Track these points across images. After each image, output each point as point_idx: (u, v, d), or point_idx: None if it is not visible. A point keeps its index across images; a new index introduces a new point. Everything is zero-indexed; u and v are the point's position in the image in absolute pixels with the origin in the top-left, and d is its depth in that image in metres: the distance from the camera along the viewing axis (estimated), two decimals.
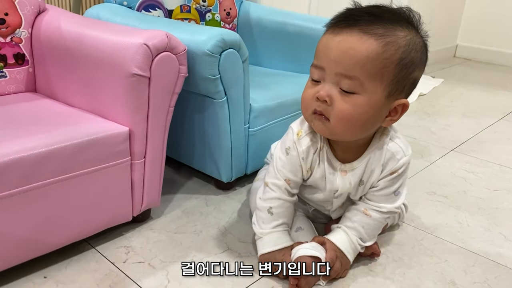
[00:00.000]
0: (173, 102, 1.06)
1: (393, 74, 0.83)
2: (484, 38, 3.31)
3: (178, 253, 1.04)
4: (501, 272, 1.03)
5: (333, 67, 0.83)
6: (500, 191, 1.40)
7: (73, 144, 0.91)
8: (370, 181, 0.97)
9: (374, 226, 1.00)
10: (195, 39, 1.09)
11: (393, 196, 0.99)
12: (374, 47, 0.81)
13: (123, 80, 0.97)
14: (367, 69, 0.81)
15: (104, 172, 0.97)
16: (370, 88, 0.83)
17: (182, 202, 1.25)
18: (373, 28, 0.82)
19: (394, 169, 0.95)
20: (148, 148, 1.05)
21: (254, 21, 1.67)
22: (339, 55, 0.82)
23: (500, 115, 2.13)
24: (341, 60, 0.82)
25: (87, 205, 0.97)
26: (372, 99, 0.84)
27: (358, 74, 0.82)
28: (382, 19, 0.83)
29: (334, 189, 0.98)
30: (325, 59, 0.85)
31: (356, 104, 0.84)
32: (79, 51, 1.07)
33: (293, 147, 0.96)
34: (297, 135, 0.97)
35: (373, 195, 0.99)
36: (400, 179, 0.97)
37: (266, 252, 0.97)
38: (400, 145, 0.96)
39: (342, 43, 0.82)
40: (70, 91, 1.13)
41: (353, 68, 0.82)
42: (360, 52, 0.81)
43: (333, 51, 0.83)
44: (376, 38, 0.81)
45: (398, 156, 0.95)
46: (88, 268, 0.98)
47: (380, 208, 0.98)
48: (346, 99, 0.84)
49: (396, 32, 0.83)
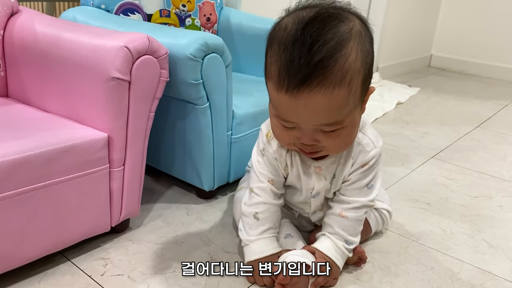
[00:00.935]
0: (153, 107, 1.03)
1: (362, 87, 0.80)
2: (457, 49, 3.39)
3: (159, 264, 0.99)
4: (486, 279, 1.02)
5: (309, 123, 0.79)
6: (480, 198, 1.41)
7: (49, 151, 0.86)
8: (342, 174, 0.95)
9: (353, 225, 0.98)
10: (177, 43, 1.06)
11: (366, 189, 0.97)
12: (341, 94, 0.76)
13: (103, 84, 0.93)
14: (344, 109, 0.78)
15: (82, 180, 0.93)
16: (351, 115, 0.81)
17: (162, 212, 1.21)
18: (328, 75, 0.73)
19: (364, 162, 0.94)
20: (128, 155, 1.00)
21: (235, 27, 1.65)
22: (311, 116, 0.78)
23: (476, 123, 2.16)
24: (315, 118, 0.78)
25: (63, 215, 0.92)
26: (354, 120, 0.83)
27: (337, 118, 0.79)
28: (328, 47, 0.73)
29: (310, 188, 0.97)
30: (294, 118, 0.79)
31: (343, 135, 0.82)
32: (55, 55, 1.02)
33: (266, 147, 0.95)
34: (266, 136, 0.95)
35: (346, 189, 0.98)
36: (372, 171, 0.96)
37: (252, 259, 0.94)
38: (369, 137, 0.94)
39: (309, 106, 0.76)
40: (45, 96, 1.08)
41: (332, 117, 0.78)
42: (332, 106, 0.76)
43: (303, 113, 0.77)
44: (339, 86, 0.75)
45: (368, 148, 0.94)
46: (63, 282, 0.92)
47: (354, 204, 0.97)
48: (332, 136, 0.81)
49: (347, 51, 0.74)
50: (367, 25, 0.81)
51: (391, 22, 2.92)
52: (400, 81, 2.93)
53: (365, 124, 0.96)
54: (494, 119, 2.26)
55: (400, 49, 3.15)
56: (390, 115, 2.24)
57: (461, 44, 3.35)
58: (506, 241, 1.17)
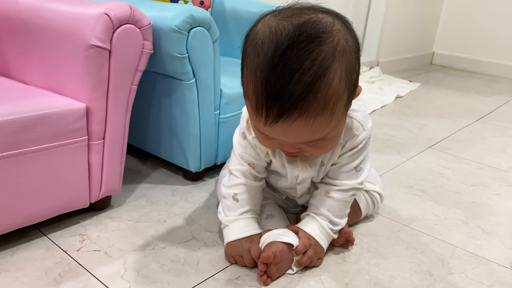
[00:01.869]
0: (136, 80, 1.00)
1: (346, 105, 0.75)
2: (459, 46, 3.35)
3: (138, 241, 0.96)
4: (479, 263, 0.98)
5: (290, 142, 0.76)
6: (477, 186, 1.36)
7: (22, 118, 0.83)
8: (331, 160, 0.92)
9: (340, 206, 0.94)
10: (162, 15, 1.03)
11: (355, 172, 0.93)
12: (323, 120, 0.71)
13: (82, 52, 0.90)
14: (326, 130, 0.74)
15: (58, 151, 0.90)
16: (334, 130, 0.77)
17: (146, 192, 1.17)
18: (310, 105, 0.68)
19: (354, 145, 0.90)
20: (108, 128, 0.97)
21: (229, 11, 1.62)
22: (292, 139, 0.75)
23: (476, 117, 2.12)
24: (297, 140, 0.75)
25: (38, 187, 0.89)
26: (339, 130, 0.80)
27: (320, 137, 0.75)
28: (310, 75, 0.67)
29: (295, 176, 0.93)
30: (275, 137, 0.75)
31: (326, 143, 0.78)
32: (36, 24, 0.99)
33: (245, 133, 0.91)
34: (247, 122, 0.91)
35: (334, 172, 0.94)
36: (361, 154, 0.92)
37: (232, 240, 0.90)
38: (358, 120, 0.90)
39: (289, 133, 0.72)
40: (26, 68, 1.05)
41: (313, 139, 0.75)
42: (313, 132, 0.72)
43: (284, 138, 0.74)
44: (318, 114, 0.69)
45: (357, 132, 0.90)
46: (37, 256, 0.89)
47: (341, 186, 0.93)
48: (316, 145, 0.78)
49: (329, 76, 0.68)
50: (349, 26, 0.73)
51: (392, 17, 2.88)
52: (401, 76, 2.89)
53: (354, 108, 0.89)
54: (494, 114, 2.21)
55: (401, 45, 3.12)
56: (389, 107, 2.20)
57: (464, 42, 3.31)
58: (502, 227, 1.13)
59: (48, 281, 0.82)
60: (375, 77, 2.70)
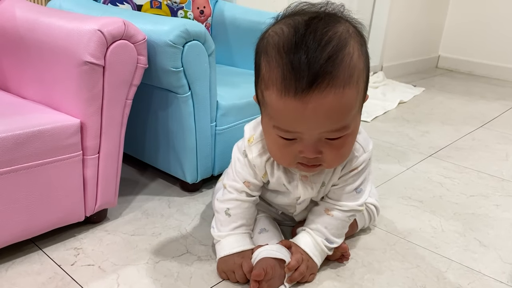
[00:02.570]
0: (130, 94, 1.00)
1: (364, 89, 0.77)
2: (465, 50, 3.32)
3: (132, 256, 0.96)
4: (475, 278, 0.97)
5: (315, 130, 0.74)
6: (476, 197, 1.35)
7: (16, 135, 0.84)
8: (331, 181, 0.91)
9: (338, 225, 0.94)
10: (157, 29, 1.04)
11: (355, 193, 0.93)
12: (351, 93, 0.72)
13: (76, 68, 0.91)
14: (352, 112, 0.74)
15: (52, 166, 0.90)
16: (355, 120, 0.77)
17: (143, 204, 1.18)
18: (338, 73, 0.70)
19: (354, 166, 0.90)
20: (103, 143, 0.98)
21: (229, 20, 1.62)
22: (321, 121, 0.72)
23: (479, 124, 2.10)
24: (324, 124, 0.73)
25: (33, 202, 0.90)
26: (357, 126, 0.79)
27: (346, 123, 0.74)
28: (333, 45, 0.70)
29: (296, 197, 0.93)
30: (300, 126, 0.73)
31: (347, 142, 0.78)
32: (32, 39, 1.00)
33: (246, 152, 0.91)
34: (248, 141, 0.90)
35: (334, 193, 0.93)
36: (361, 176, 0.92)
37: (224, 255, 0.90)
38: (359, 142, 0.90)
39: (319, 108, 0.70)
40: (23, 82, 1.07)
41: (340, 122, 0.74)
42: (342, 108, 0.72)
43: (312, 119, 0.72)
44: (348, 85, 0.71)
45: (358, 154, 0.89)
46: (31, 271, 0.90)
47: (341, 207, 0.93)
48: (336, 143, 0.76)
49: (349, 50, 0.71)
50: (360, 31, 0.77)
51: (397, 20, 2.87)
52: (405, 81, 2.87)
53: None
54: (498, 120, 2.19)
55: (406, 49, 3.10)
56: (391, 113, 2.19)
57: (469, 45, 3.28)
58: (499, 240, 1.12)
59: None
60: (379, 82, 2.69)
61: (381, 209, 1.14)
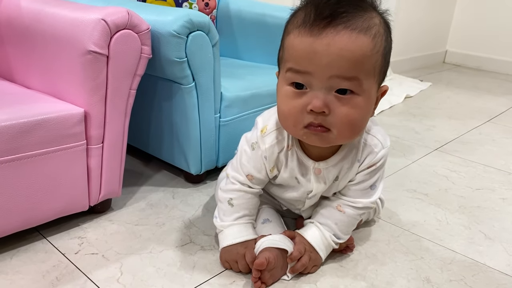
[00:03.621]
0: (134, 84, 1.00)
1: (381, 65, 0.77)
2: (473, 44, 3.29)
3: (136, 245, 0.97)
4: (479, 270, 0.96)
5: (326, 71, 0.72)
6: (482, 190, 1.34)
7: (20, 123, 0.84)
8: (347, 177, 0.90)
9: (348, 223, 0.93)
10: (160, 19, 1.03)
11: (370, 190, 0.92)
12: (367, 43, 0.73)
13: (79, 57, 0.91)
14: (365, 67, 0.74)
15: (56, 155, 0.91)
16: (368, 86, 0.75)
17: (147, 195, 1.18)
18: (355, 21, 0.72)
19: (372, 163, 0.89)
20: (107, 133, 0.98)
21: (234, 13, 1.62)
22: (333, 59, 0.72)
23: (487, 118, 2.08)
24: (336, 64, 0.72)
25: (37, 191, 0.90)
26: (370, 97, 0.77)
27: (357, 74, 0.73)
28: (356, 8, 0.74)
29: (308, 190, 0.92)
30: (312, 64, 0.73)
31: (357, 106, 0.75)
32: (37, 29, 1.00)
33: (258, 143, 0.89)
34: (261, 131, 0.88)
35: (349, 189, 0.92)
36: (378, 172, 0.91)
37: (227, 245, 0.90)
38: (377, 137, 0.89)
39: (332, 45, 0.71)
40: (28, 72, 1.07)
41: (352, 69, 0.72)
42: (355, 51, 0.72)
43: (324, 56, 0.72)
44: (364, 33, 0.73)
45: (377, 149, 0.88)
46: (35, 259, 0.90)
47: (355, 204, 0.92)
48: (345, 103, 0.74)
49: (374, 21, 0.75)
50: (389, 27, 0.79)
51: (403, 15, 2.84)
52: (412, 76, 2.85)
53: (373, 124, 0.90)
54: (506, 114, 2.17)
55: (413, 44, 3.08)
56: (398, 108, 2.18)
57: (477, 40, 3.25)
58: (505, 233, 1.11)
59: (45, 284, 0.83)
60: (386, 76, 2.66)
61: (386, 202, 1.14)
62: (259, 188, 0.93)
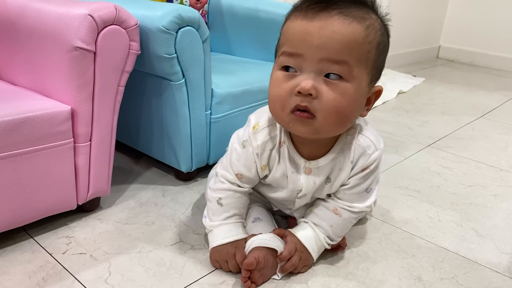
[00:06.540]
0: (123, 81, 0.98)
1: (374, 59, 0.76)
2: (466, 40, 3.29)
3: (125, 244, 0.95)
4: (471, 268, 0.96)
5: (316, 53, 0.72)
6: (475, 187, 1.34)
7: (5, 121, 0.82)
8: (339, 179, 0.89)
9: (343, 226, 0.92)
10: (149, 15, 1.02)
11: (365, 193, 0.91)
12: (359, 31, 0.73)
13: (66, 54, 0.89)
14: (355, 53, 0.73)
15: (43, 153, 0.89)
16: (358, 74, 0.74)
17: (137, 193, 1.17)
18: (351, 10, 0.73)
19: (365, 165, 0.87)
20: (95, 130, 0.96)
21: (226, 7, 1.60)
22: (324, 41, 0.72)
23: (480, 114, 2.08)
24: (327, 46, 0.72)
25: (23, 189, 0.88)
26: (359, 87, 0.76)
27: (347, 59, 0.72)
28: (355, 3, 0.75)
29: (297, 189, 0.90)
30: (304, 45, 0.73)
31: (345, 93, 0.74)
32: (23, 25, 0.98)
33: (250, 140, 0.87)
34: (253, 128, 0.87)
35: (344, 193, 0.91)
36: (372, 175, 0.89)
37: (216, 245, 0.89)
38: (370, 139, 0.87)
39: (324, 28, 0.72)
40: (14, 68, 1.05)
41: (342, 52, 0.72)
42: (347, 36, 0.72)
43: (315, 37, 0.72)
44: (358, 21, 0.73)
45: (370, 151, 0.86)
46: (22, 259, 0.89)
47: (352, 208, 0.91)
48: (333, 88, 0.73)
49: (371, 15, 0.76)
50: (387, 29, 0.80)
51: (397, 10, 2.83)
52: (405, 71, 2.85)
53: (365, 125, 0.88)
54: (499, 110, 2.17)
55: (406, 39, 3.07)
56: (391, 103, 2.17)
57: (471, 35, 3.25)
58: (496, 230, 1.11)
59: (31, 285, 0.82)
60: None
61: (378, 199, 1.13)
62: (248, 187, 0.92)
